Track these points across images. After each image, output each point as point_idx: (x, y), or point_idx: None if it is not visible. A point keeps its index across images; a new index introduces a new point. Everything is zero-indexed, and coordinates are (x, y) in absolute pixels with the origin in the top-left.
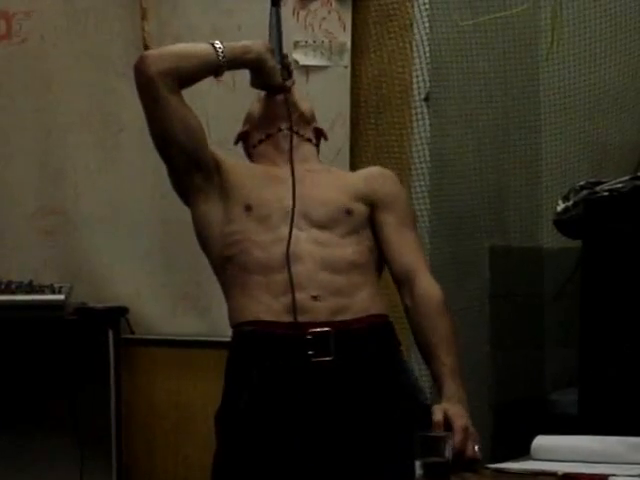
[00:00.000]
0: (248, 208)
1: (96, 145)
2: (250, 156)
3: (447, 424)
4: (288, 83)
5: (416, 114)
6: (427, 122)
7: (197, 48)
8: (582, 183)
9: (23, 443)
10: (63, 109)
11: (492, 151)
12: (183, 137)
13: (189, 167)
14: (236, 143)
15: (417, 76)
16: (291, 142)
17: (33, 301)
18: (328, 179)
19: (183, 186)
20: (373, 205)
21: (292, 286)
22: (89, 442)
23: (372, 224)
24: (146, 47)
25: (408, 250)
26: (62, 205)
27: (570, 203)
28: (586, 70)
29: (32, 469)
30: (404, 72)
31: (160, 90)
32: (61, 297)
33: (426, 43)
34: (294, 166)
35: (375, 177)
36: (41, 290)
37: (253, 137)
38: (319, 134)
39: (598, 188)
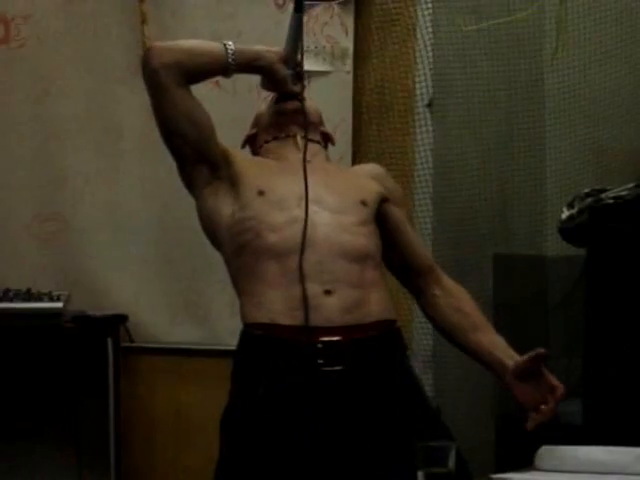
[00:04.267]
0: (261, 193)
1: (95, 151)
2: (257, 155)
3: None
4: (298, 88)
5: (419, 120)
6: (430, 128)
7: (207, 46)
8: (587, 190)
9: (21, 453)
10: (62, 114)
11: (496, 157)
12: (188, 129)
13: (196, 159)
14: (243, 146)
15: (420, 82)
16: (305, 146)
17: (31, 309)
18: (340, 173)
19: (190, 178)
20: (385, 200)
21: (303, 281)
22: (88, 451)
23: (382, 218)
24: None
25: (423, 245)
26: (61, 212)
27: (575, 211)
28: (591, 76)
29: (30, 479)
30: (407, 78)
31: (163, 81)
32: (59, 305)
33: (429, 48)
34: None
35: (382, 174)
36: (39, 298)
37: (260, 138)
38: (327, 138)
39: (603, 195)
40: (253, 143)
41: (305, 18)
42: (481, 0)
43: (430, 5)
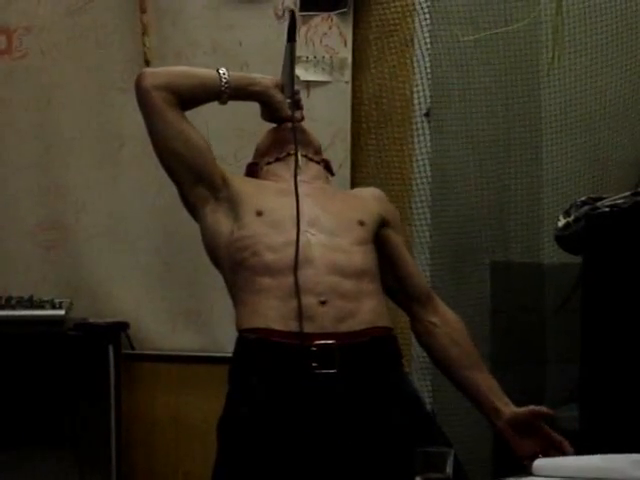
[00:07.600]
0: (259, 213)
1: (97, 160)
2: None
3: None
4: (297, 115)
5: (417, 129)
6: (428, 137)
7: (200, 70)
8: (583, 199)
9: (22, 458)
10: (64, 124)
11: (493, 166)
12: (182, 149)
13: (193, 181)
14: (247, 175)
15: (418, 91)
16: (296, 161)
17: (33, 316)
18: (338, 195)
19: (190, 199)
20: (385, 223)
21: (298, 291)
22: (89, 457)
23: (381, 241)
24: (147, 62)
25: (421, 273)
26: (62, 220)
27: (571, 219)
28: (587, 85)
29: None
30: (405, 87)
31: (155, 102)
32: (61, 312)
33: (427, 58)
34: (303, 184)
35: (382, 197)
36: (41, 305)
37: (262, 162)
38: (327, 164)
39: (599, 204)
40: (254, 171)
41: (305, 28)
42: (478, 11)
43: (428, 16)
